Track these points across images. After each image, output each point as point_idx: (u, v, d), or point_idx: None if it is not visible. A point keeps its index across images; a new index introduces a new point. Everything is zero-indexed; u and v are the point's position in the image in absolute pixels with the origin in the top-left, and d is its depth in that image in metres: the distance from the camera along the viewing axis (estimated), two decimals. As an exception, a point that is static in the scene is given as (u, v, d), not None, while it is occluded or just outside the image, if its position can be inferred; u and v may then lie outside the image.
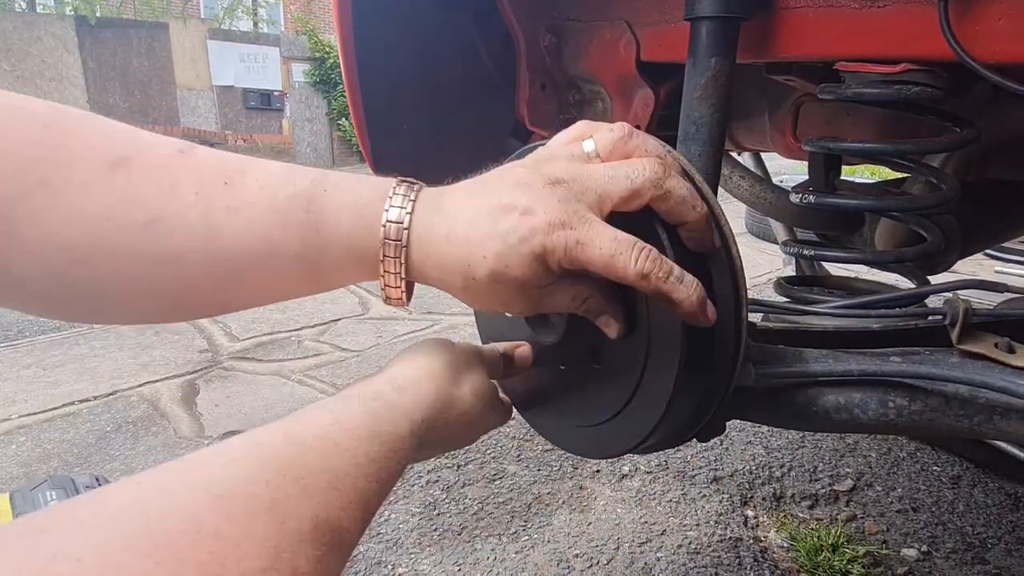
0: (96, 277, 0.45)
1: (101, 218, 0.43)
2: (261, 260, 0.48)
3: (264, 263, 0.48)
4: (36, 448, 1.89)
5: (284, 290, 0.51)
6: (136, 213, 0.44)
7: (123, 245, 0.44)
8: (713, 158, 0.72)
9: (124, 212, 0.44)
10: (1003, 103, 0.87)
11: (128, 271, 0.45)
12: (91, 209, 0.43)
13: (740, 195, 1.30)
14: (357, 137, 1.05)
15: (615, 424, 0.59)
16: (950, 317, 0.61)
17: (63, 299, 0.46)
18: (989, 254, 3.74)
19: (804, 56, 0.71)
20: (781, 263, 3.37)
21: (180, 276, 0.47)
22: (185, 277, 0.47)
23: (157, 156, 0.46)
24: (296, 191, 0.48)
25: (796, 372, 0.62)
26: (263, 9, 15.65)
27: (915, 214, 0.92)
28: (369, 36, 0.95)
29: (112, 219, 0.44)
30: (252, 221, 0.47)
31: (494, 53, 1.04)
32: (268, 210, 0.47)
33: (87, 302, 0.47)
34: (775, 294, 0.99)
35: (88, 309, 0.48)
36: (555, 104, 1.05)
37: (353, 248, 0.49)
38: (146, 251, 0.45)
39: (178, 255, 0.46)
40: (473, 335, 0.72)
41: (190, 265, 0.47)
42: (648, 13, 0.86)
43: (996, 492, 1.65)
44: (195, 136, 12.26)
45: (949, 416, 0.60)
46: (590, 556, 1.41)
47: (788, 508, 1.60)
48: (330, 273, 0.50)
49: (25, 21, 11.08)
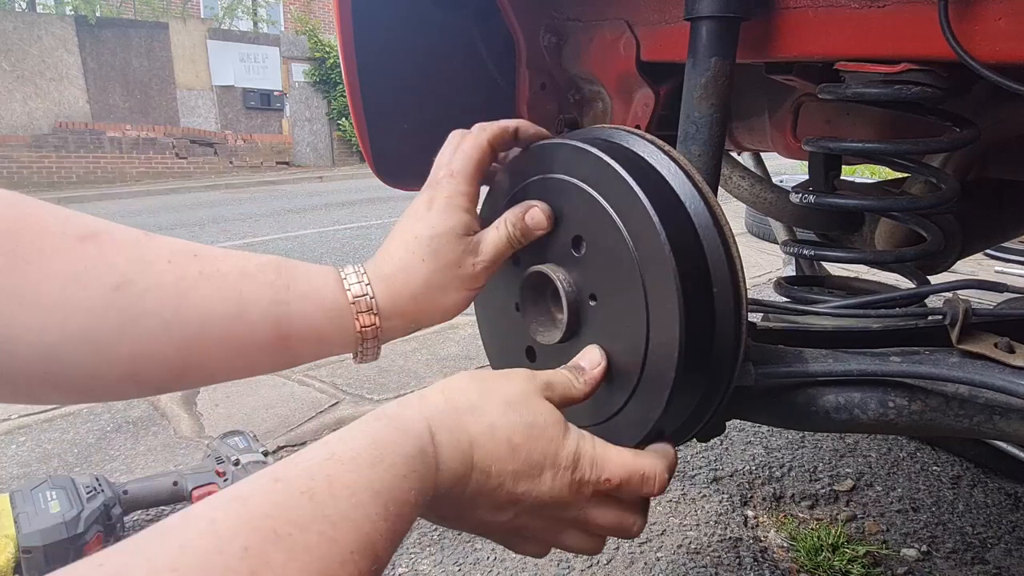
0: (59, 342, 0.44)
1: (69, 278, 0.44)
2: (229, 320, 0.49)
3: (232, 324, 0.49)
4: (36, 448, 1.89)
5: (248, 356, 0.51)
6: (106, 276, 0.46)
7: (90, 303, 0.45)
8: (713, 158, 0.72)
9: (94, 275, 0.45)
10: (1003, 103, 0.87)
11: (93, 331, 0.45)
12: (60, 270, 0.44)
13: (740, 195, 1.30)
14: (357, 137, 1.05)
15: (614, 424, 0.59)
16: (950, 317, 0.61)
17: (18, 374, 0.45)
18: (989, 254, 3.74)
19: (804, 56, 0.71)
20: (781, 263, 3.37)
21: (145, 337, 0.47)
22: (150, 339, 0.47)
23: (124, 232, 0.48)
24: (266, 260, 0.52)
25: (796, 372, 0.62)
26: (263, 9, 15.65)
27: (915, 214, 0.92)
28: (369, 36, 0.95)
29: (81, 280, 0.45)
30: (223, 283, 0.49)
31: (494, 53, 1.04)
32: (240, 274, 0.50)
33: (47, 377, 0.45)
34: (775, 294, 0.99)
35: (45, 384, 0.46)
36: (555, 104, 1.05)
37: (324, 299, 0.52)
38: (115, 310, 0.45)
39: (146, 314, 0.46)
40: (473, 335, 0.72)
41: (157, 325, 0.47)
42: (648, 13, 0.86)
43: (996, 492, 1.65)
44: (195, 136, 12.26)
45: (949, 416, 0.60)
46: (590, 556, 1.42)
47: (788, 508, 1.60)
48: (299, 332, 0.52)
49: (25, 21, 11.07)
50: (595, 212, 0.56)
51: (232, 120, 13.13)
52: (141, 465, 1.78)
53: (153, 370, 0.48)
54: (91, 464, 1.79)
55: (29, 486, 1.37)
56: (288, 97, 13.60)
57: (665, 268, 0.51)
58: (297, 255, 5.25)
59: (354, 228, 6.36)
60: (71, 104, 11.51)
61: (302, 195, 9.41)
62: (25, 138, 10.88)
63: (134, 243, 0.48)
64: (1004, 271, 3.62)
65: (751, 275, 3.54)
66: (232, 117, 13.13)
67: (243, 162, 12.71)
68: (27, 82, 11.00)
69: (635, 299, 0.54)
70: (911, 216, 0.94)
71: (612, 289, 0.56)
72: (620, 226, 0.54)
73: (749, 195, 1.28)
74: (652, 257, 0.52)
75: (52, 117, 11.31)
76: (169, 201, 9.26)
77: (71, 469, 1.75)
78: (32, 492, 1.34)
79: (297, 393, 2.25)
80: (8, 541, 1.26)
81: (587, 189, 0.56)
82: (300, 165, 13.65)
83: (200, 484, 1.50)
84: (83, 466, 1.78)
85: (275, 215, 7.53)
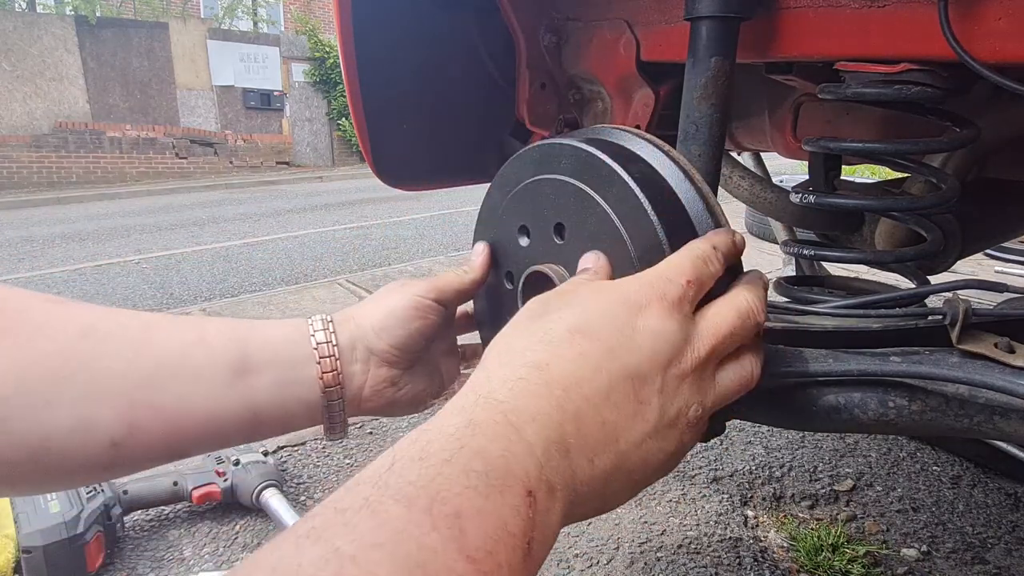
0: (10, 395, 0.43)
1: (36, 329, 0.45)
2: (189, 345, 0.49)
3: (192, 348, 0.49)
4: (36, 448, 1.89)
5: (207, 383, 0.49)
6: (71, 326, 0.46)
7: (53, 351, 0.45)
8: (713, 158, 0.72)
9: (59, 327, 0.46)
10: (1003, 103, 0.87)
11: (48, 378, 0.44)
12: (27, 327, 0.44)
13: (740, 195, 1.30)
14: (357, 137, 1.05)
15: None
16: (950, 317, 0.61)
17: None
18: (989, 254, 3.74)
19: (804, 56, 0.71)
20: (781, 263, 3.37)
21: (103, 375, 0.46)
22: (108, 376, 0.46)
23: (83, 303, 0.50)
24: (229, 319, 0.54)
25: (796, 372, 0.62)
26: (263, 9, 15.64)
27: (915, 214, 0.92)
28: (369, 36, 0.95)
29: (47, 330, 0.45)
30: (185, 322, 0.51)
31: (494, 53, 1.04)
32: (201, 321, 0.52)
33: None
34: (775, 294, 0.99)
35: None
36: (555, 104, 1.05)
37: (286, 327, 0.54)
38: (78, 354, 0.45)
39: (108, 355, 0.46)
40: (473, 337, 0.72)
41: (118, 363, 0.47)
42: (648, 13, 0.86)
43: (996, 492, 1.65)
44: (195, 135, 12.26)
45: (949, 416, 0.60)
46: (590, 556, 1.41)
47: (788, 508, 1.60)
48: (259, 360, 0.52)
49: (25, 21, 11.07)
50: (594, 213, 0.56)
51: (232, 120, 13.13)
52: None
53: (102, 414, 0.45)
54: (91, 464, 1.80)
55: (29, 486, 1.37)
56: (288, 97, 13.60)
57: (665, 268, 0.51)
58: (297, 255, 5.25)
59: (354, 228, 6.36)
60: (71, 104, 11.51)
61: (302, 195, 9.41)
62: (25, 138, 10.88)
63: (99, 307, 0.49)
64: (1004, 271, 3.62)
65: (751, 275, 3.53)
66: (232, 117, 13.13)
67: (243, 162, 12.72)
68: (27, 82, 11.00)
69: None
70: (911, 216, 0.94)
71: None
72: (620, 227, 0.54)
73: (749, 195, 1.28)
74: (651, 259, 0.52)
75: (52, 117, 11.31)
76: (169, 201, 9.26)
77: (71, 469, 1.75)
78: (32, 492, 1.34)
79: (297, 393, 2.25)
80: (8, 541, 1.26)
81: (586, 190, 0.56)
82: (300, 165, 13.65)
83: (200, 484, 1.50)
84: (83, 466, 1.78)
85: (275, 215, 7.53)
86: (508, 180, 0.65)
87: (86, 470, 0.46)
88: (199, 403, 0.49)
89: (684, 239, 0.53)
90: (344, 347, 0.56)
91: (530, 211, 0.62)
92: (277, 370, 0.52)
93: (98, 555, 1.32)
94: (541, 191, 0.61)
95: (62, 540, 1.25)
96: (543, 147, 0.62)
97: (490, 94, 1.07)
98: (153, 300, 3.34)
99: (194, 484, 1.49)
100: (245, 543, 1.44)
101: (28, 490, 0.49)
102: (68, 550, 1.26)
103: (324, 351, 0.54)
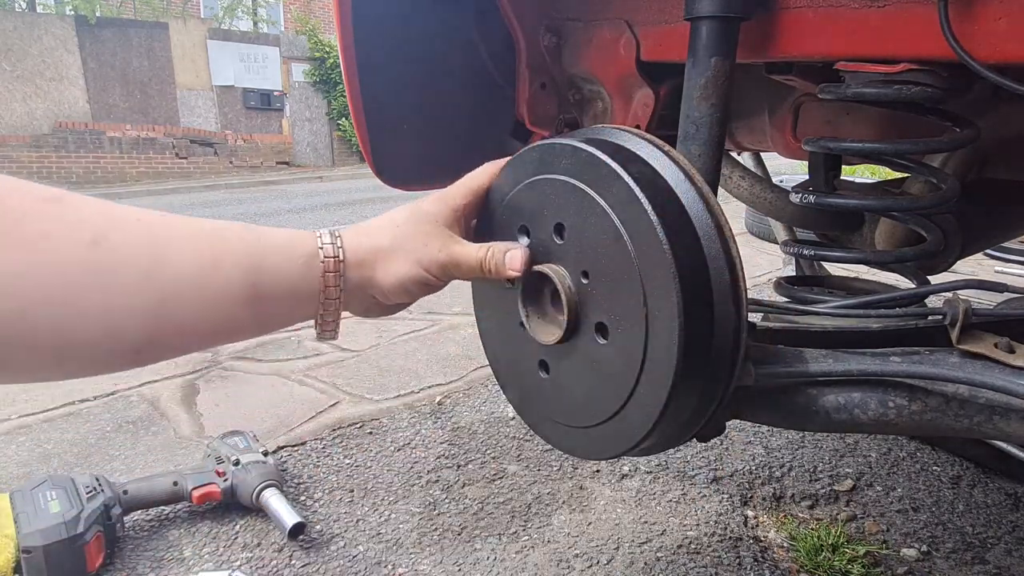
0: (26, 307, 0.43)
1: (39, 237, 0.43)
2: (205, 271, 0.50)
3: (208, 276, 0.50)
4: (36, 448, 1.89)
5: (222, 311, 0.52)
6: (79, 233, 0.45)
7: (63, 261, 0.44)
8: (713, 158, 0.72)
9: (65, 233, 0.45)
10: (1003, 103, 0.87)
11: (66, 289, 0.44)
12: (28, 231, 0.43)
13: (740, 195, 1.30)
14: (357, 137, 1.05)
15: (613, 425, 0.59)
16: (950, 317, 0.61)
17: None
18: (989, 254, 3.74)
19: (804, 56, 0.71)
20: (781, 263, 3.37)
21: (122, 291, 0.46)
22: (126, 292, 0.46)
23: (84, 197, 0.48)
24: (233, 222, 0.55)
25: (796, 372, 0.62)
26: (263, 9, 15.64)
27: (915, 214, 0.92)
28: (369, 36, 0.95)
29: (51, 239, 0.44)
30: (196, 239, 0.51)
31: (494, 53, 1.04)
32: (211, 231, 0.52)
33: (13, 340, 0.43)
34: (775, 294, 0.99)
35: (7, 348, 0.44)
36: (555, 104, 1.05)
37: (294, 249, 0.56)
38: (91, 265, 0.45)
39: (124, 266, 0.46)
40: (473, 336, 0.72)
41: (134, 277, 0.47)
42: (648, 13, 0.86)
43: (996, 492, 1.65)
44: (195, 135, 12.26)
45: (949, 416, 0.60)
46: (590, 556, 1.41)
47: (788, 508, 1.60)
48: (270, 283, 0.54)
49: (25, 21, 11.07)
50: (594, 213, 0.56)
51: (232, 120, 13.12)
52: (141, 465, 1.78)
53: (128, 326, 0.47)
54: (91, 464, 1.79)
55: (29, 486, 1.37)
56: (288, 97, 13.59)
57: (664, 269, 0.51)
58: (297, 255, 5.23)
59: (354, 228, 6.34)
60: (71, 104, 11.51)
61: (302, 195, 9.41)
62: (25, 138, 10.88)
63: (98, 202, 0.48)
64: (1004, 271, 3.62)
65: (751, 275, 3.54)
66: (232, 117, 13.13)
67: (243, 162, 12.71)
68: (27, 82, 11.00)
69: (634, 300, 0.54)
70: (911, 216, 0.94)
71: (612, 290, 0.56)
72: (619, 227, 0.54)
73: (749, 195, 1.28)
74: (651, 258, 0.52)
75: (52, 117, 11.31)
76: (169, 201, 9.25)
77: (71, 469, 1.75)
78: (32, 492, 1.34)
79: (297, 393, 2.24)
80: (8, 541, 1.26)
81: (586, 190, 0.56)
82: (300, 165, 13.64)
83: (200, 484, 1.50)
84: (83, 466, 1.78)
85: (275, 215, 7.52)
86: (508, 180, 0.65)
87: (107, 369, 0.50)
88: (214, 321, 0.52)
89: (684, 239, 0.53)
90: (350, 289, 0.60)
91: (530, 211, 0.62)
92: (288, 303, 0.57)
93: (98, 555, 1.32)
94: (541, 191, 0.61)
95: (62, 540, 1.25)
96: (543, 147, 0.62)
97: (490, 94, 1.07)
98: (153, 300, 3.37)
99: (194, 484, 1.49)
100: (245, 543, 1.44)
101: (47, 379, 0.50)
102: (68, 550, 1.26)
103: (331, 294, 0.58)
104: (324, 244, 0.57)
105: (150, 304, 0.47)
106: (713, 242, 0.55)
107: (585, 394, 0.61)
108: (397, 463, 1.78)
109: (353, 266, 0.59)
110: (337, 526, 1.50)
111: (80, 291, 0.44)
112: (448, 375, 2.33)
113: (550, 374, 0.65)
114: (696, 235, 0.55)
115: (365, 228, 0.62)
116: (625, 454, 0.61)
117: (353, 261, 0.58)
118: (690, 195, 0.56)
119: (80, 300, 0.45)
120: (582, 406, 0.62)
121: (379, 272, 0.60)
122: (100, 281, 0.45)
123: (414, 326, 2.87)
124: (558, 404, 0.65)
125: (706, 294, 0.54)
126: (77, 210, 0.46)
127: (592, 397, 0.60)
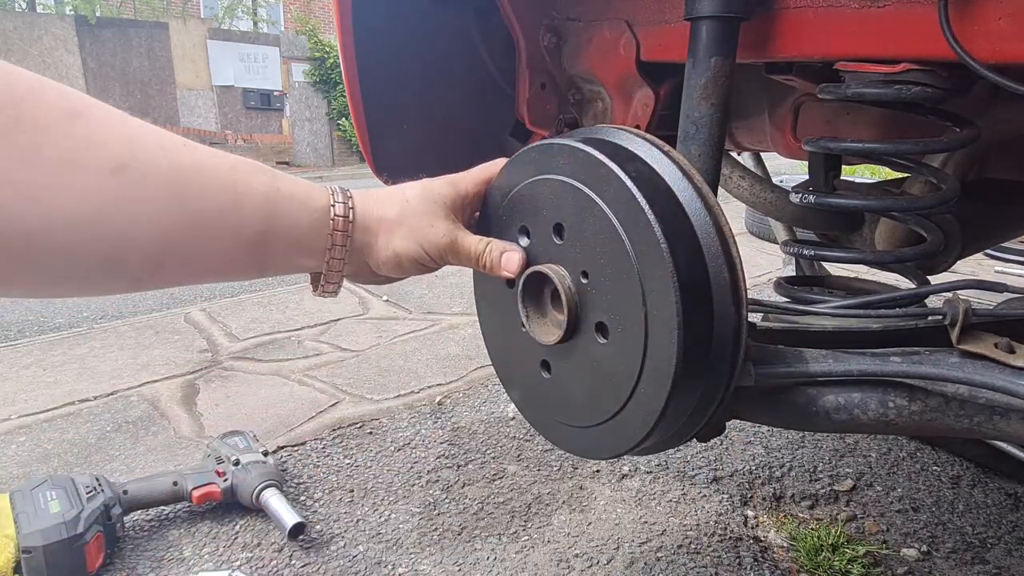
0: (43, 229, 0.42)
1: (62, 161, 0.42)
2: (227, 210, 0.51)
3: (228, 215, 0.51)
4: (36, 448, 1.89)
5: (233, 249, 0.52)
6: (102, 159, 0.44)
7: (85, 187, 0.43)
8: (713, 158, 0.72)
9: (89, 158, 0.44)
10: (1003, 103, 0.87)
11: (85, 214, 0.43)
12: (51, 154, 0.42)
13: (740, 195, 1.30)
14: (357, 137, 1.05)
15: (614, 424, 0.59)
16: (950, 317, 0.61)
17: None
18: (989, 254, 3.74)
19: (804, 56, 0.71)
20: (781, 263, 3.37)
21: (141, 220, 0.46)
22: (145, 222, 0.46)
23: (106, 109, 0.47)
24: (252, 160, 0.55)
25: (796, 372, 0.62)
26: (263, 9, 15.65)
27: (915, 214, 0.92)
28: (369, 36, 0.95)
29: (75, 163, 0.43)
30: (218, 175, 0.51)
31: (494, 53, 1.04)
32: (231, 168, 0.52)
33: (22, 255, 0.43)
34: (775, 294, 0.99)
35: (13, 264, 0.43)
36: (555, 104, 1.05)
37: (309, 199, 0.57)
38: (113, 193, 0.44)
39: (146, 199, 0.46)
40: (473, 335, 0.72)
41: (157, 209, 0.47)
42: (648, 13, 0.86)
43: (996, 492, 1.65)
44: (195, 135, 12.26)
45: (949, 416, 0.60)
46: (590, 556, 1.41)
47: (788, 508, 1.60)
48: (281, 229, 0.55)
49: (25, 21, 11.07)
50: (592, 213, 0.56)
51: (232, 120, 13.12)
52: (141, 465, 1.78)
53: (135, 256, 0.47)
54: (91, 464, 1.79)
55: (29, 486, 1.37)
56: (288, 97, 13.59)
57: (663, 269, 0.51)
58: (297, 255, 5.24)
59: (354, 228, 6.33)
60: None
61: (302, 195, 9.40)
62: (25, 138, 10.88)
63: (120, 122, 0.47)
64: (1004, 271, 3.62)
65: (751, 275, 3.54)
66: (232, 117, 13.13)
67: (243, 162, 12.70)
68: (27, 82, 10.99)
69: (633, 300, 0.54)
70: (911, 216, 0.93)
71: (611, 290, 0.56)
72: (617, 227, 0.54)
73: (749, 195, 1.28)
74: (650, 258, 0.52)
75: (52, 117, 11.30)
76: (169, 201, 9.24)
77: (71, 469, 1.75)
78: (32, 492, 1.34)
79: (297, 393, 2.24)
80: (8, 541, 1.26)
81: (585, 190, 0.56)
82: (300, 165, 13.64)
83: (200, 484, 1.50)
84: (83, 466, 1.78)
85: (275, 215, 7.52)
86: (508, 180, 0.65)
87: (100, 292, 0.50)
88: (220, 259, 0.53)
89: (683, 238, 0.53)
90: (353, 257, 0.61)
91: (530, 211, 0.62)
92: (291, 252, 0.57)
93: (98, 555, 1.32)
94: (540, 191, 0.61)
95: (62, 540, 1.25)
96: (542, 147, 0.62)
97: (490, 94, 1.07)
98: (153, 299, 3.35)
99: (194, 484, 1.49)
100: (245, 543, 1.44)
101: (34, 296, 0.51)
102: (68, 550, 1.26)
103: (337, 253, 0.59)
104: (336, 202, 0.59)
105: (163, 237, 0.47)
106: (712, 242, 0.55)
107: (586, 394, 0.61)
108: (397, 463, 1.78)
109: (359, 230, 0.60)
110: (337, 526, 1.50)
111: (96, 217, 0.44)
112: (448, 375, 2.33)
113: (552, 374, 0.65)
114: (695, 235, 0.55)
115: (375, 195, 0.62)
116: (626, 453, 0.61)
117: (361, 225, 0.60)
118: (689, 195, 0.56)
119: (95, 226, 0.44)
120: (583, 405, 0.62)
121: (380, 241, 0.61)
122: (117, 209, 0.44)
123: (414, 326, 2.87)
124: (560, 404, 0.65)
125: (705, 294, 0.54)
126: (100, 131, 0.45)
127: (593, 397, 0.60)
